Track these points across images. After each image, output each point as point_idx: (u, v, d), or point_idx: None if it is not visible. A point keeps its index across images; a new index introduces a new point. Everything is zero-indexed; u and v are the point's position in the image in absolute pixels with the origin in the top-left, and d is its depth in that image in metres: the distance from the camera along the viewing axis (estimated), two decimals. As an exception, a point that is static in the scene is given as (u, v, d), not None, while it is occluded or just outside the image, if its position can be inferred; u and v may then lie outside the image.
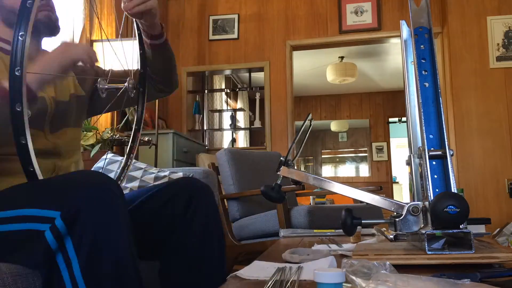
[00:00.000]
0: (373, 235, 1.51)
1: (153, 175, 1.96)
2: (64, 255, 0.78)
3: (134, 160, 2.28)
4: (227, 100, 6.20)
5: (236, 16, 4.52)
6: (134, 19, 1.18)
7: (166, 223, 1.11)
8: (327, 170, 8.51)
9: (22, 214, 0.85)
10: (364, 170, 8.18)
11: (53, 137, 1.11)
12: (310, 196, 4.63)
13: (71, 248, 0.78)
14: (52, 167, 1.10)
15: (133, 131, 1.28)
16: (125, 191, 1.46)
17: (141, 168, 2.03)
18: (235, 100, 6.61)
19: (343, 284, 0.57)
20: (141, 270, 1.09)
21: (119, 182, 1.22)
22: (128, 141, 2.99)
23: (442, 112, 0.95)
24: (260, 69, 4.53)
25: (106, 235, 0.80)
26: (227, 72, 4.98)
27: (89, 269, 0.78)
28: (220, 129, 5.35)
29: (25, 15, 0.82)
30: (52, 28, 1.16)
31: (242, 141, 6.64)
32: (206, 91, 5.07)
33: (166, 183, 1.20)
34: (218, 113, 5.36)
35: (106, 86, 1.05)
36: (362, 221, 0.99)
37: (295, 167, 1.13)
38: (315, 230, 1.81)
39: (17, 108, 0.81)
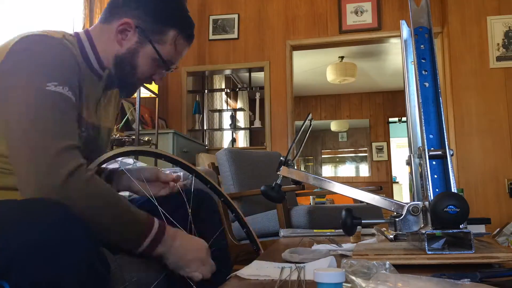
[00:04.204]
0: (372, 235, 1.51)
1: (153, 175, 1.96)
2: None
3: (134, 160, 2.28)
4: (227, 100, 6.20)
5: (236, 16, 4.52)
6: None
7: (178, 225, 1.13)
8: (327, 170, 8.51)
9: None
10: (364, 170, 8.18)
11: None
12: (310, 196, 4.63)
13: None
14: None
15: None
16: (126, 193, 1.47)
17: (141, 168, 2.02)
18: (235, 100, 6.61)
19: (343, 284, 0.57)
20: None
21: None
22: (128, 141, 2.99)
23: (442, 112, 0.95)
24: (260, 69, 4.53)
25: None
26: (227, 72, 4.98)
27: None
28: (220, 129, 5.34)
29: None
30: None
31: (242, 141, 6.63)
32: (206, 91, 5.07)
33: (174, 193, 1.22)
34: (218, 113, 5.37)
35: None
36: (362, 221, 0.99)
37: (295, 167, 1.13)
38: (314, 230, 1.81)
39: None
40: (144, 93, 3.39)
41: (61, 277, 0.72)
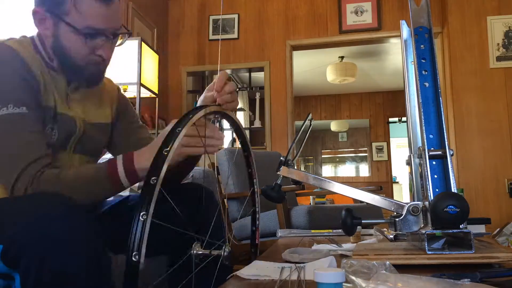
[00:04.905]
0: (370, 235, 1.50)
1: (153, 175, 1.96)
2: None
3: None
4: (227, 100, 6.19)
5: (236, 16, 4.52)
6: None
7: (177, 223, 1.13)
8: (327, 170, 8.50)
9: None
10: (364, 170, 8.18)
11: (73, 158, 1.12)
12: (310, 196, 4.63)
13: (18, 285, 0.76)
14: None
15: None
16: (126, 192, 1.46)
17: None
18: (235, 100, 6.60)
19: (343, 284, 0.57)
20: (150, 267, 1.09)
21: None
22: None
23: (442, 112, 0.95)
24: (260, 69, 4.53)
25: (54, 275, 0.74)
26: (227, 72, 4.97)
27: None
28: (220, 129, 5.34)
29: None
30: None
31: (242, 141, 6.62)
32: (206, 91, 5.06)
33: (175, 189, 1.21)
34: (218, 113, 5.36)
35: (201, 252, 0.95)
36: (362, 221, 0.99)
37: (295, 167, 1.13)
38: (312, 231, 1.80)
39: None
40: (144, 93, 3.39)
41: (67, 266, 0.75)
